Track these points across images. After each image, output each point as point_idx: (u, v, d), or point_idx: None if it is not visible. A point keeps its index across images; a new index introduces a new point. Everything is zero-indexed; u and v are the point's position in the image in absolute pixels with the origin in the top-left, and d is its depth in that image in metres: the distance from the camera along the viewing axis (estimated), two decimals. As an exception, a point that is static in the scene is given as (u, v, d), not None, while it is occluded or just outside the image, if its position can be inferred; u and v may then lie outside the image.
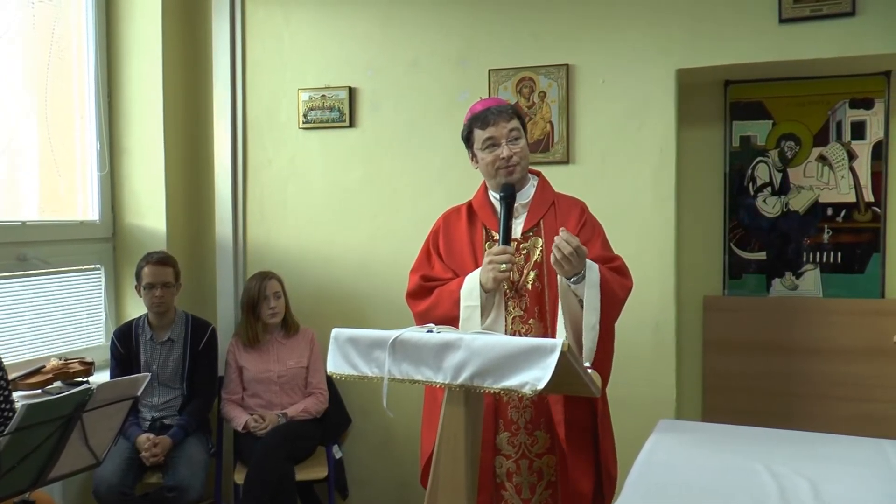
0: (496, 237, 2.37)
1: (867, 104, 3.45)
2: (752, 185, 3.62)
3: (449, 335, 1.96)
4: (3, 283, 3.30)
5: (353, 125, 3.72)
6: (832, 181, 3.51)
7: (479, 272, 2.28)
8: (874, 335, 3.40)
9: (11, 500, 2.24)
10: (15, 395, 2.86)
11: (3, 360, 2.72)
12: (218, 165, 3.89)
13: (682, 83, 3.33)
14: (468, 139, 2.44)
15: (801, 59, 3.12)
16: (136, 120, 3.78)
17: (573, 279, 2.18)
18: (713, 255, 3.68)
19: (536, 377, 1.79)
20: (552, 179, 2.52)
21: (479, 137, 2.38)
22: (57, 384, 3.26)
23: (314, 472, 3.45)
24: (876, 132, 3.44)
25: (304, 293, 3.77)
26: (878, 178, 3.45)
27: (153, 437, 3.23)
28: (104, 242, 3.81)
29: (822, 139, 3.52)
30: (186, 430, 3.33)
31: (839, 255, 3.51)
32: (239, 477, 3.35)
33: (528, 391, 1.81)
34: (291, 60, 3.81)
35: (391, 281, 3.50)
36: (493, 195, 2.45)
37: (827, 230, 3.53)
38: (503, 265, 2.22)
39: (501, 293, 2.32)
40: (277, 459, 3.25)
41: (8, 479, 2.12)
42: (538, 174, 2.50)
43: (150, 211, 3.78)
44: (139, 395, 2.50)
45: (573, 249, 2.10)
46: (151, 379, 3.30)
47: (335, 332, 2.09)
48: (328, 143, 3.77)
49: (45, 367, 3.31)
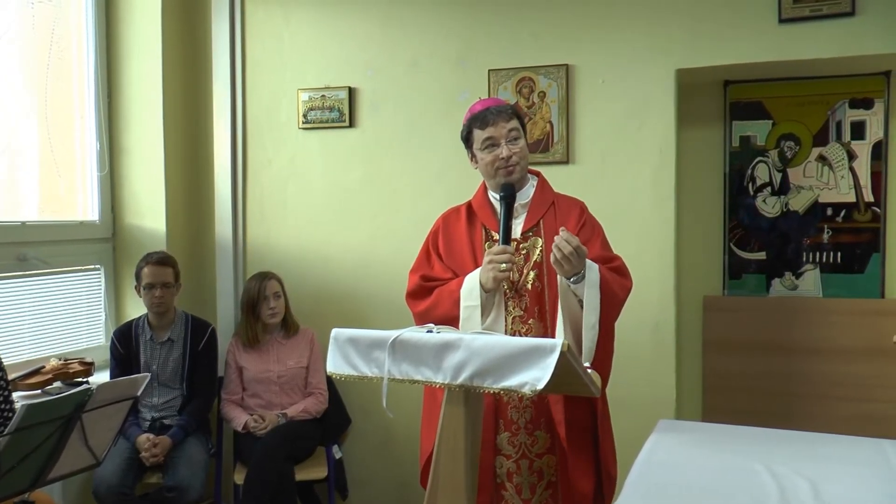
0: (496, 237, 2.36)
1: (867, 104, 3.45)
2: (751, 185, 3.62)
3: (448, 335, 1.96)
4: (3, 283, 3.30)
5: (352, 125, 3.72)
6: (832, 181, 3.52)
7: (478, 272, 2.28)
8: (874, 335, 3.40)
9: (11, 500, 2.24)
10: (15, 395, 2.86)
11: (2, 360, 2.71)
12: (218, 165, 3.89)
13: (681, 83, 3.33)
14: (467, 139, 2.44)
15: (800, 59, 3.12)
16: (135, 120, 3.79)
17: (573, 279, 2.18)
18: (713, 255, 3.68)
19: (536, 377, 1.79)
20: (552, 179, 2.52)
21: (478, 137, 2.38)
22: (57, 384, 3.26)
23: (314, 472, 3.45)
24: (876, 132, 3.44)
25: (303, 293, 3.77)
26: (877, 178, 3.45)
27: (153, 437, 3.23)
28: (104, 243, 3.81)
29: (821, 139, 3.52)
30: (186, 430, 3.33)
31: (839, 255, 3.51)
32: (239, 477, 3.36)
33: (527, 391, 1.81)
34: (291, 60, 3.81)
35: (391, 281, 3.50)
36: (492, 195, 2.45)
37: (827, 230, 3.53)
38: (503, 265, 2.22)
39: (501, 293, 2.32)
40: (277, 459, 3.25)
41: (8, 479, 2.12)
42: (537, 174, 2.50)
43: (149, 211, 3.78)
44: (139, 395, 2.50)
45: (573, 249, 2.10)
46: (151, 379, 3.30)
47: (335, 332, 2.09)
48: (328, 143, 3.77)
49: (44, 367, 3.31)
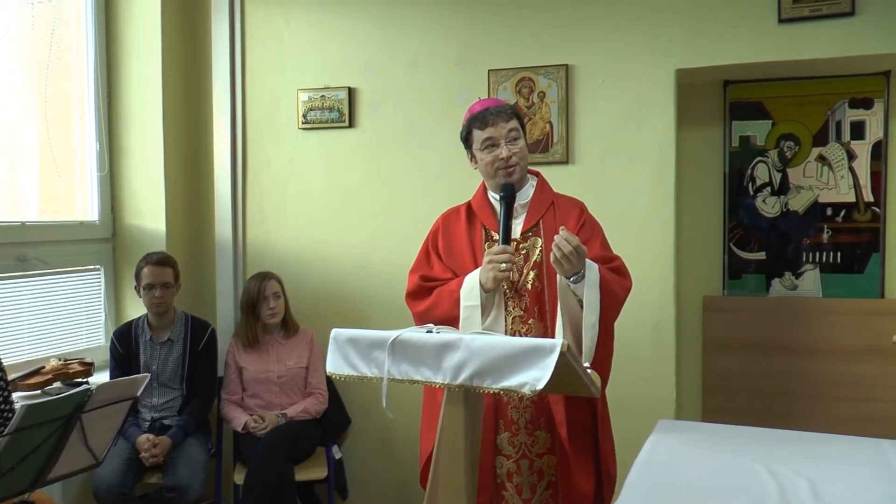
0: (495, 237, 2.36)
1: (866, 104, 3.45)
2: (751, 185, 3.62)
3: (448, 335, 1.96)
4: (2, 283, 3.29)
5: (352, 125, 3.72)
6: (832, 181, 3.51)
7: (478, 272, 2.28)
8: (874, 335, 3.41)
9: (11, 500, 2.24)
10: (14, 395, 2.86)
11: (2, 360, 2.71)
12: (217, 166, 3.89)
13: (681, 83, 3.33)
14: (467, 140, 2.44)
15: (800, 59, 3.12)
16: (135, 120, 3.78)
17: (573, 278, 2.18)
18: (713, 255, 3.68)
19: (536, 377, 1.79)
20: (551, 179, 2.52)
21: (477, 138, 2.38)
22: (56, 385, 3.26)
23: (314, 472, 3.45)
24: (875, 132, 3.44)
25: (303, 293, 3.77)
26: (877, 177, 3.45)
27: (153, 437, 3.23)
28: (104, 243, 3.81)
29: (821, 139, 3.52)
30: (186, 430, 3.33)
31: (839, 255, 3.51)
32: (238, 477, 3.36)
33: (527, 391, 1.81)
34: (291, 61, 3.81)
35: (391, 281, 3.50)
36: (492, 195, 2.45)
37: (826, 230, 3.53)
38: (503, 265, 2.22)
39: (501, 293, 2.32)
40: (277, 460, 3.25)
41: (7, 479, 2.12)
42: (537, 174, 2.50)
43: (149, 211, 3.78)
44: (139, 395, 2.50)
45: (573, 248, 2.10)
46: (151, 379, 3.30)
47: (334, 332, 2.09)
48: (328, 143, 3.77)
49: (44, 367, 3.31)
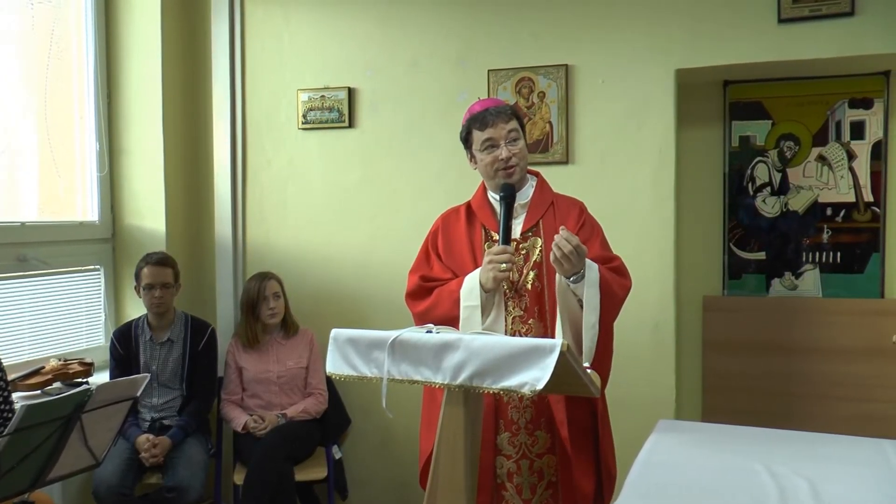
0: (495, 237, 2.36)
1: (866, 104, 3.45)
2: (751, 185, 3.62)
3: (448, 335, 1.96)
4: (2, 283, 3.29)
5: (352, 126, 3.72)
6: (831, 181, 3.51)
7: (478, 272, 2.27)
8: (874, 335, 3.41)
9: (11, 500, 2.24)
10: (14, 395, 2.86)
11: (2, 360, 2.71)
12: (217, 166, 3.89)
13: (681, 83, 3.33)
14: (467, 140, 2.44)
15: (800, 59, 3.12)
16: (135, 120, 3.78)
17: (573, 278, 2.18)
18: (712, 255, 3.68)
19: (535, 377, 1.79)
20: (551, 180, 2.52)
21: (477, 139, 2.38)
22: (56, 385, 3.26)
23: (314, 472, 3.45)
24: (875, 132, 3.44)
25: (303, 294, 3.77)
26: (877, 177, 3.45)
27: (153, 437, 3.23)
28: (103, 243, 3.81)
29: (821, 139, 3.52)
30: (186, 430, 3.33)
31: (838, 255, 3.51)
32: (238, 477, 3.35)
33: (527, 391, 1.81)
34: (291, 61, 3.81)
35: (390, 281, 3.50)
36: (491, 195, 2.45)
37: (826, 230, 3.53)
38: (503, 265, 2.22)
39: (501, 293, 2.32)
40: (277, 460, 3.25)
41: (7, 479, 2.12)
42: (536, 174, 2.50)
43: (149, 211, 3.78)
44: (138, 395, 2.50)
45: (573, 248, 2.10)
46: (151, 380, 3.30)
47: (334, 332, 2.08)
48: (327, 143, 3.77)
49: (44, 367, 3.31)
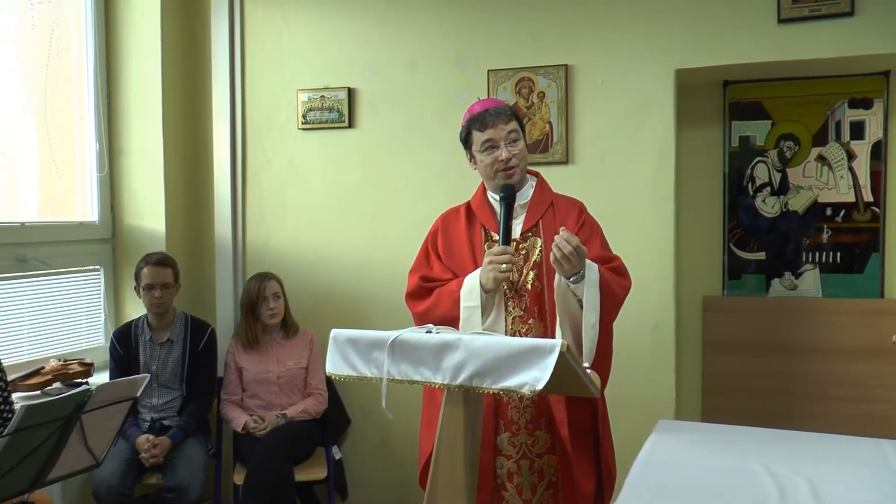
0: (495, 237, 2.36)
1: (866, 104, 3.45)
2: (751, 185, 3.62)
3: (448, 336, 1.96)
4: (2, 284, 3.29)
5: (352, 126, 3.72)
6: (831, 181, 3.52)
7: (478, 272, 2.27)
8: (874, 335, 3.41)
9: (11, 501, 2.24)
10: (14, 396, 2.86)
11: (2, 361, 2.71)
12: (217, 166, 3.89)
13: (681, 83, 3.33)
14: (466, 141, 2.44)
15: (799, 59, 3.12)
16: (135, 121, 3.78)
17: (572, 279, 2.18)
18: (712, 255, 3.68)
19: (535, 377, 1.79)
20: (551, 180, 2.52)
21: (477, 139, 2.38)
22: (56, 385, 3.26)
23: (314, 472, 3.45)
24: (875, 132, 3.44)
25: (303, 294, 3.77)
26: (877, 177, 3.45)
27: (152, 438, 3.23)
28: (103, 243, 3.80)
29: (821, 139, 3.52)
30: (186, 430, 3.33)
31: (838, 255, 3.51)
32: (238, 478, 3.35)
33: (526, 391, 1.81)
34: (290, 61, 3.81)
35: (390, 281, 3.50)
36: (491, 196, 2.45)
37: (826, 230, 3.53)
38: (503, 265, 2.22)
39: (501, 293, 2.32)
40: (277, 460, 3.25)
41: (7, 480, 2.12)
42: (536, 174, 2.50)
43: (149, 212, 3.78)
44: (138, 395, 2.50)
45: (573, 249, 2.10)
46: (151, 380, 3.29)
47: (334, 332, 2.08)
48: (327, 143, 3.77)
49: (44, 368, 3.31)
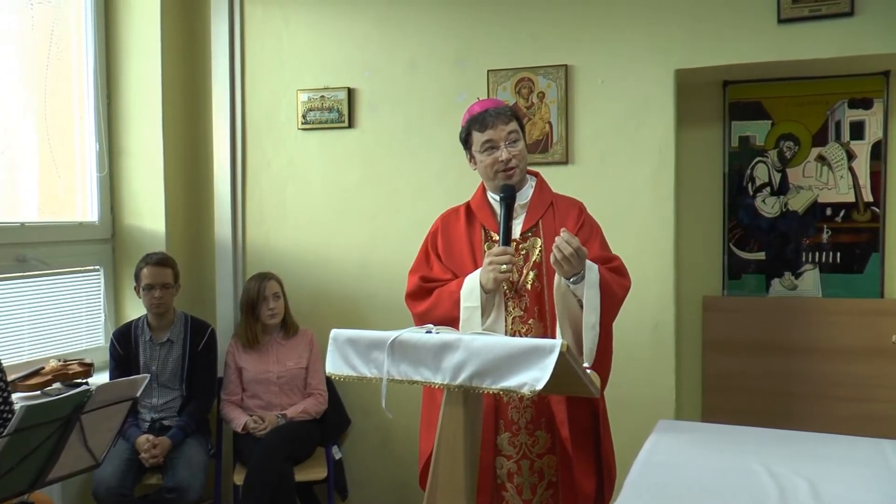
0: (495, 238, 2.36)
1: (866, 104, 3.45)
2: (751, 185, 3.62)
3: (447, 336, 1.96)
4: (2, 284, 3.29)
5: (351, 126, 3.72)
6: (831, 181, 3.52)
7: (478, 273, 2.27)
8: (874, 335, 3.41)
9: (10, 501, 2.24)
10: (14, 396, 2.86)
11: (2, 361, 2.71)
12: (217, 166, 3.89)
13: (681, 83, 3.33)
14: (466, 141, 2.43)
15: (799, 59, 3.12)
16: (135, 121, 3.78)
17: (572, 279, 2.18)
18: (712, 255, 3.68)
19: (535, 378, 1.79)
20: (551, 180, 2.52)
21: (477, 140, 2.38)
22: (56, 385, 3.26)
23: (314, 472, 3.45)
24: (875, 132, 3.44)
25: (303, 294, 3.77)
26: (877, 177, 3.45)
27: (152, 438, 3.23)
28: (103, 243, 3.80)
29: (821, 139, 3.52)
30: (186, 431, 3.33)
31: (838, 255, 3.51)
32: (238, 478, 3.35)
33: (526, 392, 1.81)
34: (290, 61, 3.81)
35: (390, 282, 3.50)
36: (491, 196, 2.45)
37: (826, 230, 3.53)
38: (503, 266, 2.22)
39: (501, 294, 2.32)
40: (277, 460, 3.25)
41: (7, 480, 2.12)
42: (536, 175, 2.50)
43: (149, 212, 3.78)
44: (138, 396, 2.50)
45: (574, 250, 2.10)
46: (151, 380, 3.29)
47: (334, 332, 2.08)
48: (327, 143, 3.77)
49: (44, 368, 3.31)
